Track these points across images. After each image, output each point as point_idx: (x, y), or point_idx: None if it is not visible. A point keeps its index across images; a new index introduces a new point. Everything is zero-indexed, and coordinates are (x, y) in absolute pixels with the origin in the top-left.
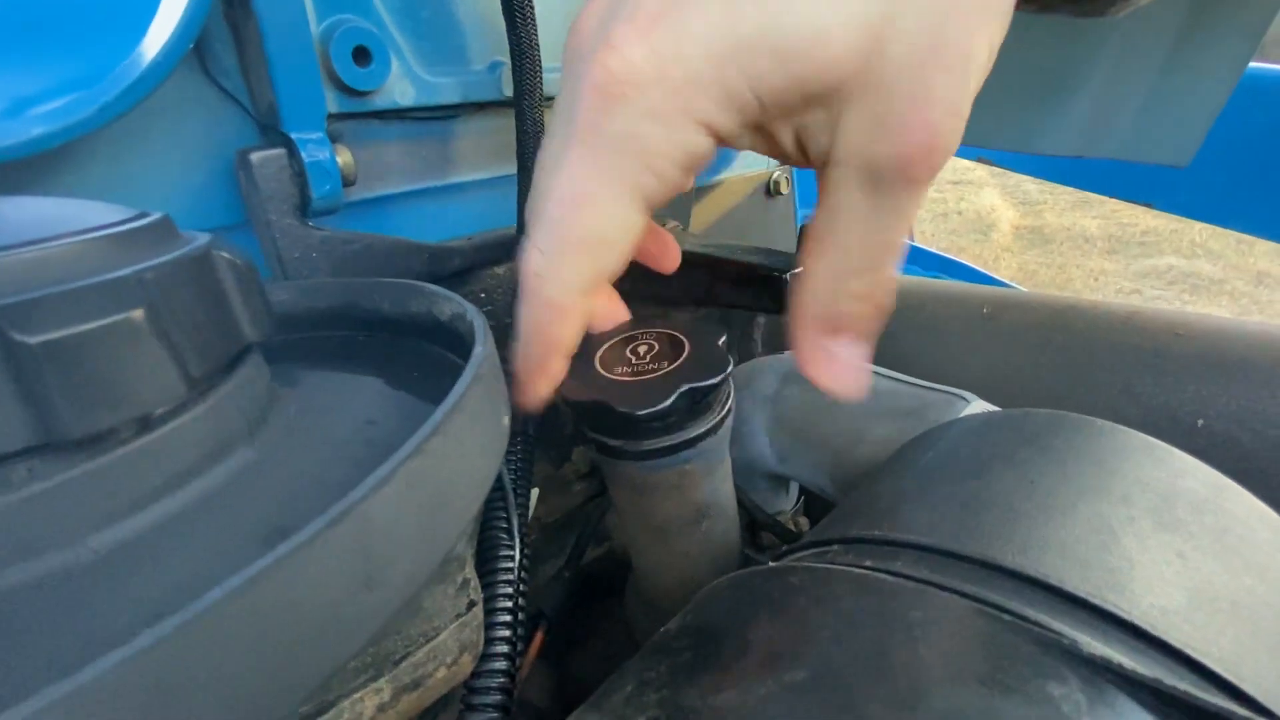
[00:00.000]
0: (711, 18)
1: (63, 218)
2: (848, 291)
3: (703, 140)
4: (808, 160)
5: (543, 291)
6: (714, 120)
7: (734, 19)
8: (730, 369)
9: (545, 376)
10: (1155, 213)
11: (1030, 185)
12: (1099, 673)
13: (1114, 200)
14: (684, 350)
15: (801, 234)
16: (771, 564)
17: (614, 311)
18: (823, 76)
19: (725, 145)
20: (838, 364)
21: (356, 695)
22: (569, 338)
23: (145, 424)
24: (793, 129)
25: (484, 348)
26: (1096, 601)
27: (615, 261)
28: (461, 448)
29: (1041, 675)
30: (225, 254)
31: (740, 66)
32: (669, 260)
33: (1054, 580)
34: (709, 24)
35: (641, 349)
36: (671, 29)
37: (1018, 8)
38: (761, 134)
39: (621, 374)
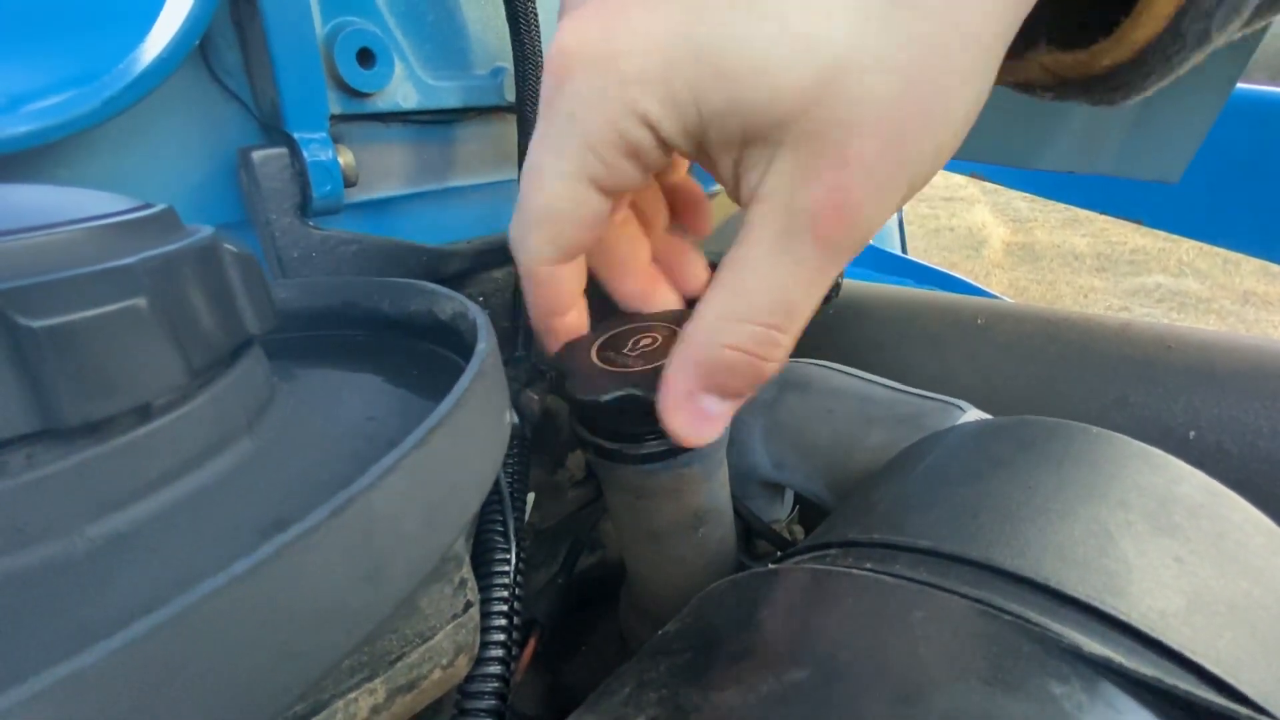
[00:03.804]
0: (672, 21)
1: (68, 206)
2: (732, 339)
3: (643, 134)
4: (739, 196)
5: (518, 259)
6: (653, 118)
7: (692, 29)
8: None
9: (551, 333)
10: (1143, 232)
11: (1021, 202)
12: (1100, 672)
13: (1103, 218)
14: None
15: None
16: (771, 566)
17: (578, 324)
18: (761, 110)
19: (674, 151)
20: (700, 416)
21: (351, 695)
22: (553, 301)
23: (145, 413)
24: (733, 162)
25: (486, 344)
26: (1095, 604)
27: (575, 235)
28: (464, 442)
29: (1043, 674)
30: (230, 246)
31: (685, 75)
32: (700, 224)
33: (1053, 583)
34: (668, 26)
35: (643, 341)
36: (630, 20)
37: (1034, 95)
38: (704, 155)
39: (617, 365)
